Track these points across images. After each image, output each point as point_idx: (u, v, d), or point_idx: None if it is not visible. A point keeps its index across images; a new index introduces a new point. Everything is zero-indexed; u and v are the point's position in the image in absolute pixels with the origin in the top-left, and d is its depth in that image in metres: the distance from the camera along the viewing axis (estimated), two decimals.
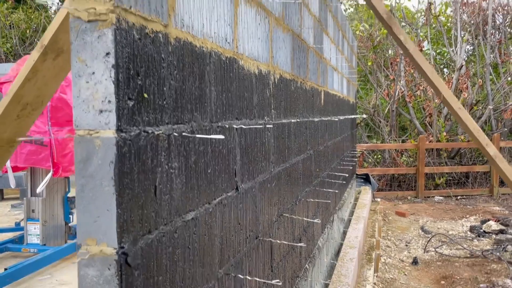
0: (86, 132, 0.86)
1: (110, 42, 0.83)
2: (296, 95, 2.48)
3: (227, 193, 1.43)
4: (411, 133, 9.92)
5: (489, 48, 9.58)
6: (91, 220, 0.87)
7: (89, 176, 0.86)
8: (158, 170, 1.00)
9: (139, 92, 0.92)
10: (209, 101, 1.28)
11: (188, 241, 1.15)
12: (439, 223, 6.44)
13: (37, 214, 4.42)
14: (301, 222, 2.60)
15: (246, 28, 1.61)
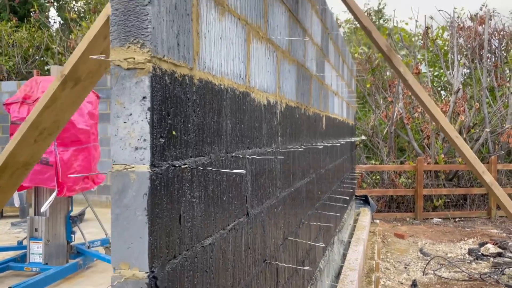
0: (122, 167, 0.96)
1: (147, 87, 0.94)
2: (300, 122, 2.59)
3: (239, 218, 1.52)
4: (410, 155, 10.03)
5: (485, 72, 9.78)
6: (125, 246, 0.96)
7: (124, 206, 0.96)
8: (182, 199, 1.09)
9: (169, 130, 1.02)
10: (225, 134, 1.38)
11: (206, 265, 1.24)
12: (437, 245, 6.50)
13: (40, 233, 4.47)
14: (304, 245, 2.68)
15: (257, 63, 1.73)
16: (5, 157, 2.12)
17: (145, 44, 0.94)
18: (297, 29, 2.46)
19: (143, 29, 0.94)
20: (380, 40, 2.44)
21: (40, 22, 12.03)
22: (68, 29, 12.98)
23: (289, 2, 2.24)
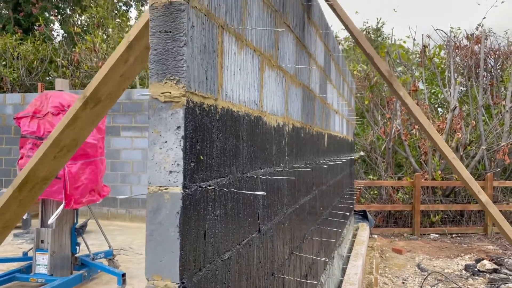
0: (157, 188, 1.08)
1: (181, 118, 1.07)
2: (305, 141, 2.72)
3: (252, 234, 1.63)
4: (407, 170, 10.17)
5: (481, 90, 9.98)
6: (158, 260, 1.08)
7: (158, 223, 1.08)
8: (207, 217, 1.21)
9: (198, 155, 1.15)
10: (241, 156, 1.51)
11: (224, 277, 1.35)
12: (435, 261, 6.59)
13: (46, 245, 4.55)
14: (307, 259, 2.78)
15: (268, 89, 1.86)
16: (26, 172, 2.24)
17: (180, 81, 1.07)
18: (303, 53, 2.61)
19: (179, 68, 1.07)
20: (381, 65, 2.58)
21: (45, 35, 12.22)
22: (71, 42, 13.17)
23: (296, 30, 2.39)
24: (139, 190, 8.13)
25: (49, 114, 4.43)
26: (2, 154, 9.11)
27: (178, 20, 1.07)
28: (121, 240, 6.51)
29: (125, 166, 8.20)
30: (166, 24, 1.08)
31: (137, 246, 6.28)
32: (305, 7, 2.62)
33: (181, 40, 1.07)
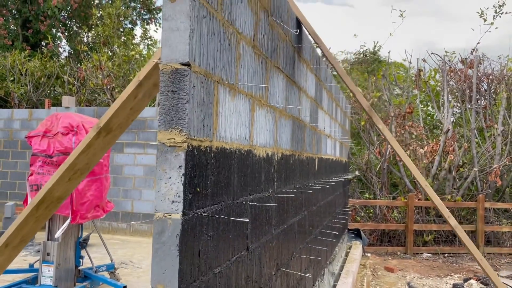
0: (162, 214, 1.36)
1: (182, 160, 1.35)
2: (294, 167, 3.00)
3: (241, 252, 1.90)
4: (402, 190, 10.41)
5: (474, 114, 10.29)
6: (161, 272, 1.35)
7: (162, 243, 1.35)
8: (201, 238, 1.48)
9: (195, 188, 1.43)
10: (232, 185, 1.79)
11: (215, 287, 1.62)
12: (425, 279, 6.80)
13: (51, 257, 4.80)
14: (295, 275, 3.04)
15: (259, 126, 2.15)
16: (44, 193, 2.52)
17: (182, 130, 1.36)
18: (293, 89, 2.91)
19: (182, 119, 1.36)
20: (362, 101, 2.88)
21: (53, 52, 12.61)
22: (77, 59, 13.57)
23: (286, 69, 2.69)
24: (140, 205, 8.39)
25: (58, 134, 4.73)
26: (8, 167, 9.41)
27: (182, 83, 1.37)
28: (122, 254, 6.74)
29: (127, 181, 8.47)
30: (173, 85, 1.38)
31: (137, 260, 6.51)
32: (296, 48, 2.93)
33: (184, 98, 1.37)
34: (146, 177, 8.40)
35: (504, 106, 10.09)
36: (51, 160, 4.70)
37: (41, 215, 2.65)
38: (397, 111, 10.30)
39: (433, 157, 9.59)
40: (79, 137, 4.74)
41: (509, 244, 9.11)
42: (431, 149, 9.50)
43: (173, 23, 1.40)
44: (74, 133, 4.72)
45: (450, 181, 9.72)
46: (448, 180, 9.76)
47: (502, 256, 8.79)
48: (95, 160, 2.67)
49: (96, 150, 2.56)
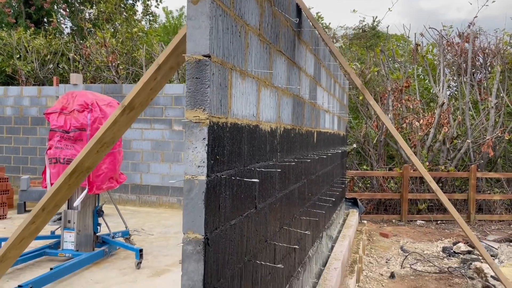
0: (190, 176, 1.72)
1: (206, 133, 1.70)
2: (294, 140, 3.35)
3: (250, 210, 2.28)
4: (398, 161, 10.81)
5: (469, 87, 10.57)
6: (190, 221, 1.72)
7: (191, 198, 1.72)
8: (220, 196, 1.85)
9: (215, 156, 1.79)
10: (243, 155, 2.15)
11: (231, 236, 2.00)
12: (417, 244, 7.27)
13: (72, 224, 5.22)
14: (296, 234, 3.44)
15: (264, 104, 2.50)
16: (76, 163, 2.89)
17: (205, 109, 1.71)
18: (293, 69, 3.23)
19: (204, 101, 1.71)
20: (356, 80, 3.20)
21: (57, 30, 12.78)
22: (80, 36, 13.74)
23: (288, 51, 3.01)
24: (148, 177, 8.80)
25: (74, 111, 5.07)
26: (19, 143, 9.78)
27: (204, 71, 1.71)
28: (133, 223, 7.19)
29: (136, 155, 8.86)
30: (197, 73, 1.71)
31: (148, 228, 6.96)
32: (296, 32, 3.24)
33: (206, 83, 1.71)
34: (153, 151, 8.78)
35: (498, 79, 10.36)
36: (68, 136, 5.05)
37: (73, 183, 3.02)
38: (395, 85, 10.58)
39: (428, 130, 9.94)
40: (93, 114, 5.08)
41: (499, 212, 9.57)
42: (426, 122, 9.84)
43: (196, 22, 1.72)
44: (89, 111, 5.06)
45: (444, 153, 10.10)
46: (442, 151, 10.14)
47: (493, 223, 9.26)
48: (119, 135, 3.03)
49: (120, 126, 2.91)
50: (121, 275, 4.68)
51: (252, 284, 2.32)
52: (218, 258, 1.84)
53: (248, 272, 2.25)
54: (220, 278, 1.87)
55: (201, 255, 1.70)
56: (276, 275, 2.84)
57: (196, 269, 1.70)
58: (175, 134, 8.68)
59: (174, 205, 8.65)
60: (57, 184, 2.92)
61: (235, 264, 2.05)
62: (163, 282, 4.50)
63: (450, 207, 3.11)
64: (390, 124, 3.15)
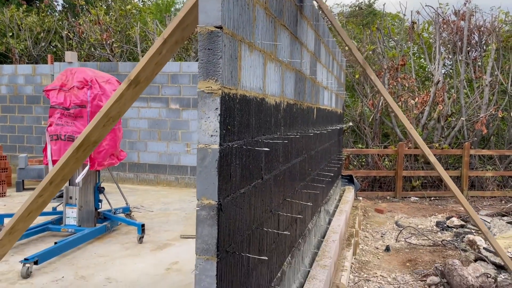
0: (203, 145, 1.78)
1: (218, 103, 1.76)
2: (296, 115, 3.41)
3: (257, 180, 2.35)
4: (393, 140, 10.94)
5: (464, 65, 10.64)
6: (204, 188, 1.79)
7: (204, 166, 1.78)
8: (231, 165, 1.92)
9: (227, 126, 1.84)
10: (251, 126, 2.21)
11: (241, 204, 2.07)
12: (411, 219, 7.44)
13: (74, 200, 5.29)
14: (297, 207, 3.53)
15: (269, 78, 2.54)
16: (83, 137, 2.93)
17: (217, 80, 1.75)
18: (295, 44, 3.26)
19: (217, 72, 1.75)
20: (357, 55, 3.25)
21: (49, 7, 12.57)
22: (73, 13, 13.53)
23: (291, 26, 3.04)
24: (146, 155, 8.85)
25: (74, 88, 5.07)
26: (15, 122, 9.75)
27: (216, 42, 1.75)
28: (132, 200, 7.27)
29: (133, 134, 8.88)
30: (209, 44, 1.75)
31: (147, 205, 7.05)
32: (298, 7, 3.26)
33: (218, 54, 1.75)
34: (150, 130, 8.81)
35: (493, 57, 10.43)
36: (68, 112, 5.07)
37: (79, 156, 3.07)
38: (391, 63, 10.61)
39: (423, 108, 10.03)
40: (93, 91, 5.09)
41: (491, 188, 9.77)
42: (421, 100, 9.92)
43: None
44: (89, 87, 5.06)
45: (439, 130, 10.22)
46: (436, 129, 10.26)
47: (485, 199, 9.46)
48: (125, 109, 3.07)
49: (126, 100, 2.94)
50: (124, 249, 4.78)
51: (259, 252, 2.41)
52: (229, 223, 1.91)
53: (256, 239, 2.34)
54: (232, 243, 1.95)
55: (215, 220, 1.78)
56: (280, 245, 2.94)
57: (210, 233, 1.78)
58: (171, 113, 8.69)
59: (172, 183, 8.73)
60: (64, 158, 2.97)
61: (245, 231, 2.13)
62: (166, 255, 4.61)
63: (446, 177, 3.21)
64: (390, 98, 3.21)
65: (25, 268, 3.90)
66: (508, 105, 10.79)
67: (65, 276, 3.96)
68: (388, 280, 4.74)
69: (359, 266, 5.14)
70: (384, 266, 5.19)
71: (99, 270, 4.11)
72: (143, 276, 3.99)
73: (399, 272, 4.98)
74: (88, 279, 3.88)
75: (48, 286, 3.72)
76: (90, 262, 4.35)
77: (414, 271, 4.95)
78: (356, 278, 4.75)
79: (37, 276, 3.93)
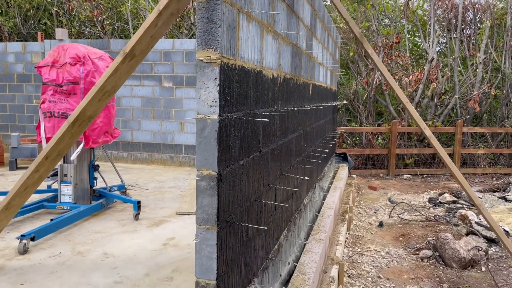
0: (202, 116, 1.77)
1: (217, 73, 1.74)
2: (293, 89, 3.40)
3: (256, 153, 2.35)
4: (387, 118, 10.97)
5: (458, 43, 10.61)
6: (203, 159, 1.79)
7: (204, 137, 1.78)
8: (230, 136, 1.92)
9: (226, 96, 1.83)
10: (250, 98, 2.19)
11: (239, 175, 2.08)
12: (404, 195, 7.53)
13: (69, 178, 5.27)
14: (293, 181, 3.55)
15: (267, 50, 2.52)
16: (78, 112, 2.90)
17: (216, 49, 1.73)
18: (292, 17, 3.22)
19: (215, 41, 1.73)
20: (354, 28, 3.22)
21: None
22: None
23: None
24: (139, 134, 8.81)
25: (67, 64, 4.99)
26: (6, 100, 9.62)
27: (215, 11, 1.72)
28: (127, 178, 7.26)
29: (126, 112, 8.81)
30: (208, 13, 1.73)
31: (142, 183, 7.06)
32: None
33: (217, 23, 1.72)
34: (143, 108, 8.74)
35: (487, 35, 10.40)
36: (61, 89, 5.01)
37: (75, 131, 3.05)
38: (385, 41, 10.55)
39: (417, 86, 10.04)
40: (86, 67, 5.02)
41: (482, 165, 9.89)
42: (415, 78, 9.92)
43: None
44: (81, 64, 4.99)
45: (432, 108, 10.26)
46: (430, 107, 10.30)
47: (476, 176, 9.59)
48: (120, 83, 3.03)
49: (121, 74, 2.91)
50: (120, 226, 4.80)
51: (257, 224, 2.43)
52: (229, 194, 1.92)
53: (254, 211, 2.36)
54: (231, 214, 1.96)
55: (215, 190, 1.78)
56: (277, 218, 2.97)
57: (210, 203, 1.79)
58: (165, 91, 8.62)
59: (166, 161, 8.73)
60: (60, 133, 2.94)
61: (243, 203, 2.15)
62: (162, 231, 4.64)
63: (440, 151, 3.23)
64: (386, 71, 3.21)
65: (22, 244, 3.91)
66: (501, 82, 10.84)
67: (62, 252, 3.98)
68: (381, 254, 4.82)
69: (353, 241, 5.22)
70: (378, 241, 5.27)
71: (96, 246, 4.13)
72: (141, 251, 4.02)
73: (392, 246, 5.06)
74: (86, 255, 3.90)
75: (46, 262, 3.74)
76: (87, 238, 4.37)
77: (407, 245, 5.04)
78: (350, 252, 4.83)
79: (34, 252, 3.94)
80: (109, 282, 3.35)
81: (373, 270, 4.38)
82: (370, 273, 4.31)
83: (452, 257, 4.35)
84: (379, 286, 4.01)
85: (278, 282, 3.01)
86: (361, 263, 4.54)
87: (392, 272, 4.34)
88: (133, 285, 3.30)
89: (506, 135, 10.39)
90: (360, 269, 4.40)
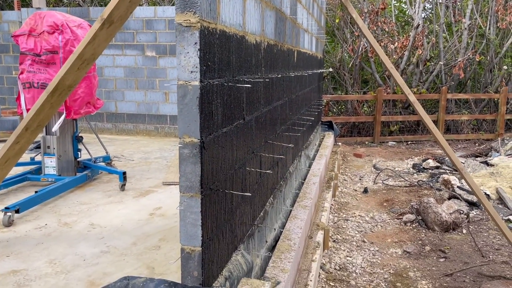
0: (183, 82, 1.73)
1: (197, 37, 1.69)
2: (277, 56, 3.35)
3: (239, 120, 2.33)
4: (372, 86, 10.97)
5: (444, 8, 10.54)
6: (186, 126, 1.76)
7: (185, 104, 1.75)
8: (213, 102, 1.89)
9: (207, 62, 1.79)
10: (232, 64, 2.15)
11: (223, 143, 2.06)
12: (389, 162, 7.63)
13: (52, 150, 5.20)
14: (279, 149, 3.56)
15: (249, 14, 2.46)
16: (57, 81, 2.82)
17: (196, 12, 1.68)
18: None
19: (195, 3, 1.67)
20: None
21: None
22: None
23: None
24: (123, 105, 8.67)
25: (44, 32, 4.83)
26: None
27: None
28: (112, 150, 7.20)
29: (109, 83, 8.64)
30: None
31: (128, 154, 7.01)
32: None
33: None
34: (127, 79, 8.58)
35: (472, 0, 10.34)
36: (40, 59, 4.86)
37: (55, 101, 2.97)
38: (371, 7, 10.42)
39: (402, 53, 10.01)
40: (65, 36, 4.86)
41: (466, 131, 10.03)
42: (401, 45, 9.88)
43: None
44: (59, 32, 4.83)
45: (417, 75, 10.28)
46: (415, 74, 10.31)
47: (459, 142, 9.74)
48: (99, 51, 2.94)
49: (100, 41, 2.82)
50: (106, 197, 4.79)
51: (242, 190, 2.44)
52: (213, 162, 1.91)
53: (239, 179, 2.36)
54: (215, 181, 1.96)
55: (198, 157, 1.77)
56: (262, 185, 2.98)
57: (193, 171, 1.78)
58: (148, 60, 8.45)
59: (151, 132, 8.65)
60: (39, 103, 2.87)
61: (228, 170, 2.14)
62: (149, 201, 4.64)
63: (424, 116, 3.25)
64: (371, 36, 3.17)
65: (7, 216, 3.88)
66: (485, 48, 10.87)
67: (48, 223, 3.96)
68: (366, 219, 4.92)
69: (338, 207, 5.31)
70: (362, 207, 5.36)
71: (83, 217, 4.12)
72: (127, 221, 4.03)
73: (376, 211, 5.16)
74: (72, 226, 3.90)
75: (32, 233, 3.72)
76: (73, 209, 4.36)
77: (391, 210, 5.15)
78: (336, 218, 4.92)
79: (20, 225, 3.92)
80: (96, 251, 3.36)
81: (357, 234, 4.48)
82: (355, 237, 4.40)
83: (434, 221, 4.46)
84: (363, 250, 4.11)
85: (264, 247, 3.06)
86: (346, 228, 4.63)
87: (376, 236, 4.45)
88: (121, 254, 3.32)
89: (489, 101, 10.51)
90: (345, 234, 4.49)
